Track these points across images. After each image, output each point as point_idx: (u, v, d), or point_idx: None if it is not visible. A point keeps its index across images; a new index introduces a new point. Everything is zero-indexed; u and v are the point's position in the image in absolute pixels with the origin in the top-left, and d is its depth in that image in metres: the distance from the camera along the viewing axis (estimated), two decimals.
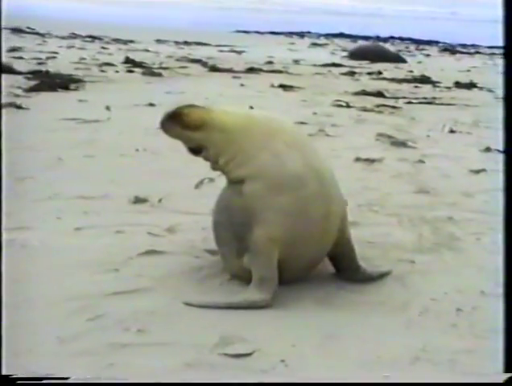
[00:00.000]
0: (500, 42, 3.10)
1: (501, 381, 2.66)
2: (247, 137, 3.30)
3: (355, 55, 20.52)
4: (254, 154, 3.28)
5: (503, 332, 2.81)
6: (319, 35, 37.05)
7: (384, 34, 36.49)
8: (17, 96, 9.20)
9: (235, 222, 3.36)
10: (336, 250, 3.54)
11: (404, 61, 20.06)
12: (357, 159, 6.43)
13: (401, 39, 36.01)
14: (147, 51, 19.71)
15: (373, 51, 20.51)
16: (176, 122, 3.34)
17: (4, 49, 15.58)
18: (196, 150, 3.43)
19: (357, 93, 11.61)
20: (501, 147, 6.49)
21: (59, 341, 2.86)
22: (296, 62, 18.26)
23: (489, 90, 12.73)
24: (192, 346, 2.85)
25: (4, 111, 7.74)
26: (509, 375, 2.66)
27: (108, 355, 2.77)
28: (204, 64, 15.90)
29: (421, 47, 31.43)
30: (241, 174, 3.32)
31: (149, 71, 13.39)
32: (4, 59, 12.72)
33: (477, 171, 6.18)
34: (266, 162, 3.26)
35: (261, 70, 15.06)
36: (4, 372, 2.56)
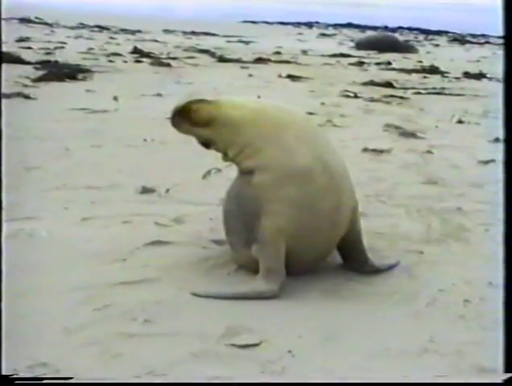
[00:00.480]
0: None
1: (501, 381, 2.64)
2: (255, 131, 3.28)
3: (363, 44, 20.39)
4: (262, 147, 3.27)
5: (503, 331, 2.78)
6: (327, 25, 36.83)
7: (392, 24, 36.23)
8: (25, 86, 9.20)
9: (245, 211, 3.36)
10: (345, 241, 3.53)
11: (416, 51, 19.89)
12: (365, 150, 6.41)
13: (409, 29, 35.76)
14: (155, 41, 19.66)
15: (383, 41, 20.36)
16: (185, 119, 3.34)
17: (12, 39, 15.58)
18: (206, 144, 3.44)
19: (365, 84, 11.55)
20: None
21: (66, 331, 2.86)
22: (304, 52, 18.18)
23: (499, 80, 12.62)
24: (198, 337, 2.85)
25: (12, 101, 7.76)
26: (509, 375, 2.64)
27: (114, 345, 2.77)
28: (212, 55, 15.86)
29: (430, 37, 31.22)
30: (251, 166, 3.31)
31: (157, 62, 13.36)
32: (12, 49, 12.72)
33: (486, 162, 6.14)
34: (274, 155, 3.25)
35: (269, 60, 15.00)
36: (5, 371, 2.55)
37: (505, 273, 2.86)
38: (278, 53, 17.09)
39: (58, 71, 10.48)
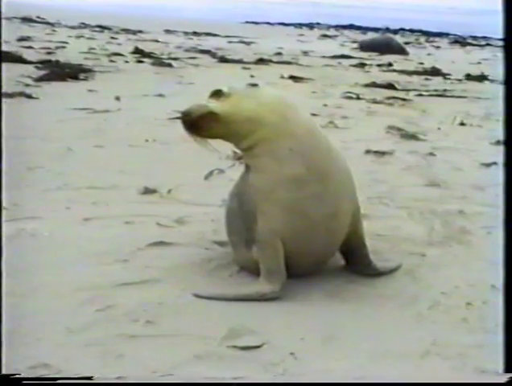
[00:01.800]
0: None
1: (503, 381, 2.64)
2: (253, 142, 3.32)
3: (365, 46, 20.41)
4: (258, 154, 3.32)
5: (503, 332, 2.78)
6: (328, 27, 36.83)
7: (394, 26, 36.22)
8: (27, 85, 9.20)
9: (245, 210, 3.40)
10: (347, 245, 3.54)
11: (407, 53, 19.79)
12: (368, 151, 6.40)
13: (411, 30, 35.76)
14: (156, 41, 19.66)
15: (380, 43, 20.36)
16: (196, 132, 3.35)
17: (14, 38, 15.58)
18: None
19: (367, 85, 11.55)
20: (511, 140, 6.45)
21: (68, 331, 2.86)
22: (306, 53, 18.18)
23: (501, 83, 12.64)
24: (200, 338, 2.85)
25: (14, 100, 7.76)
26: (510, 375, 2.64)
27: (116, 346, 2.77)
28: (214, 55, 15.86)
29: (431, 38, 31.23)
30: (249, 163, 3.39)
31: (158, 62, 13.36)
32: (14, 49, 12.72)
33: (488, 164, 6.14)
34: (266, 163, 3.30)
35: (270, 61, 15.00)
36: (7, 369, 2.55)
37: (504, 274, 2.86)
38: (279, 54, 17.09)
39: (60, 71, 10.48)
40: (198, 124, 3.29)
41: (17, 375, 2.49)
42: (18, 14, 23.37)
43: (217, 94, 3.33)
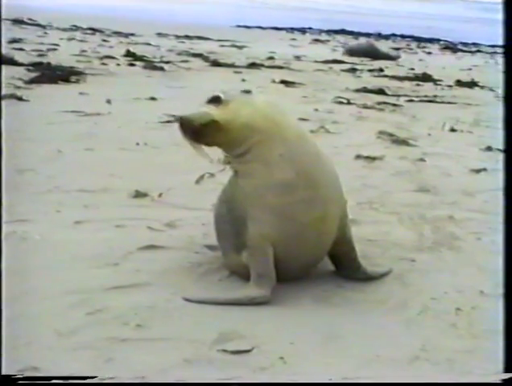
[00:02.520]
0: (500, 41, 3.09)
1: (501, 381, 2.66)
2: (246, 149, 3.33)
3: (351, 52, 20.45)
4: (249, 160, 3.34)
5: (503, 332, 2.81)
6: (320, 31, 36.88)
7: (385, 31, 36.32)
8: (18, 87, 9.16)
9: (234, 215, 3.42)
10: (336, 249, 3.55)
11: (394, 58, 19.79)
12: (358, 157, 6.42)
13: (402, 36, 35.86)
14: (148, 44, 19.61)
15: (365, 49, 20.39)
16: (195, 139, 3.34)
17: (5, 40, 15.52)
18: None
19: (358, 90, 11.56)
20: (502, 146, 6.49)
21: (58, 334, 2.86)
22: (298, 58, 18.19)
23: (491, 89, 12.70)
24: (190, 342, 2.86)
25: (4, 102, 7.72)
26: (509, 375, 2.66)
27: (106, 349, 2.77)
28: (206, 59, 15.83)
29: (422, 44, 31.31)
30: (238, 169, 3.41)
31: (150, 65, 13.32)
32: (5, 51, 12.66)
33: (478, 170, 6.17)
34: (256, 168, 3.32)
35: (262, 65, 15.00)
36: (4, 370, 2.55)
37: (505, 273, 2.89)
38: (271, 58, 17.09)
39: (51, 74, 10.43)
40: (199, 132, 3.29)
41: (18, 376, 2.50)
42: (10, 15, 23.27)
43: (215, 101, 3.34)
